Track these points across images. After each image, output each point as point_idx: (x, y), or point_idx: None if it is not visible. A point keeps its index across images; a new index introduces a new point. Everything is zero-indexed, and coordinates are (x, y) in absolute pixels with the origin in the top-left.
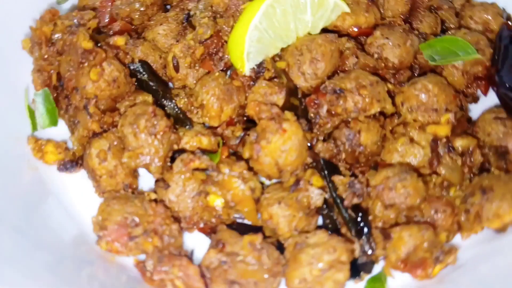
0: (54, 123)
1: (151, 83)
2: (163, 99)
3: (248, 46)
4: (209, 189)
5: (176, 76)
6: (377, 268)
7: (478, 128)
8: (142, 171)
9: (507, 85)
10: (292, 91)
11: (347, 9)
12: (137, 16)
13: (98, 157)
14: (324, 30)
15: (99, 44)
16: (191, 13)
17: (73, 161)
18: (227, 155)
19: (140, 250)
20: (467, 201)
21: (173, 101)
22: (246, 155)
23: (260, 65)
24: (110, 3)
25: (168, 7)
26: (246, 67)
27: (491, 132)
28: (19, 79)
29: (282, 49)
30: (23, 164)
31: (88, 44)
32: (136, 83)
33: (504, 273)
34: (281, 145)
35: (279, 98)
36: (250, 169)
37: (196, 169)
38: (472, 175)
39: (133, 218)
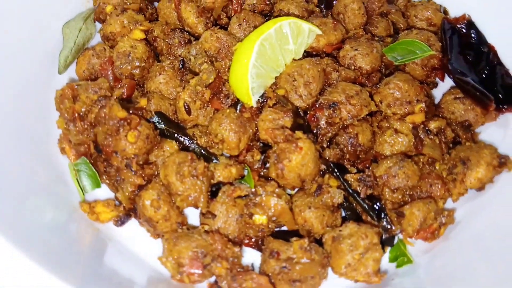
0: (98, 185)
1: (170, 130)
2: (185, 142)
3: (251, 82)
4: (253, 211)
5: (188, 119)
6: None
7: (442, 109)
8: None
9: (459, 71)
10: (295, 112)
11: (320, 32)
12: (137, 72)
13: (152, 206)
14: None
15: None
16: (185, 59)
17: (127, 215)
18: (258, 178)
19: (212, 275)
20: (452, 172)
21: (195, 141)
22: (273, 175)
23: (262, 95)
24: (110, 65)
25: (157, 54)
26: (253, 101)
27: (454, 110)
28: (54, 153)
29: (276, 77)
30: (87, 228)
31: (123, 114)
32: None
33: (489, 222)
34: (301, 160)
35: (286, 120)
36: (278, 185)
37: (237, 196)
38: (448, 149)
39: (201, 250)
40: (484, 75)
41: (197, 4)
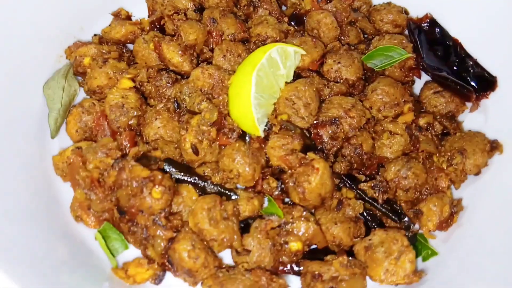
0: (126, 247)
1: (183, 175)
2: (200, 184)
3: (256, 114)
4: (287, 239)
5: (196, 159)
6: None
7: (425, 104)
8: None
9: (434, 67)
10: (302, 134)
11: (304, 52)
12: (134, 121)
13: (190, 257)
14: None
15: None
16: (178, 99)
17: (163, 271)
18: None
19: None
20: (452, 163)
21: (209, 180)
22: (295, 199)
23: (267, 124)
24: (104, 120)
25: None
26: (260, 131)
27: (436, 104)
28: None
29: (274, 103)
30: None
31: (146, 172)
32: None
33: (493, 202)
34: (320, 180)
35: (296, 144)
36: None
37: (271, 228)
38: (440, 141)
39: None
40: (455, 67)
41: (178, 42)
